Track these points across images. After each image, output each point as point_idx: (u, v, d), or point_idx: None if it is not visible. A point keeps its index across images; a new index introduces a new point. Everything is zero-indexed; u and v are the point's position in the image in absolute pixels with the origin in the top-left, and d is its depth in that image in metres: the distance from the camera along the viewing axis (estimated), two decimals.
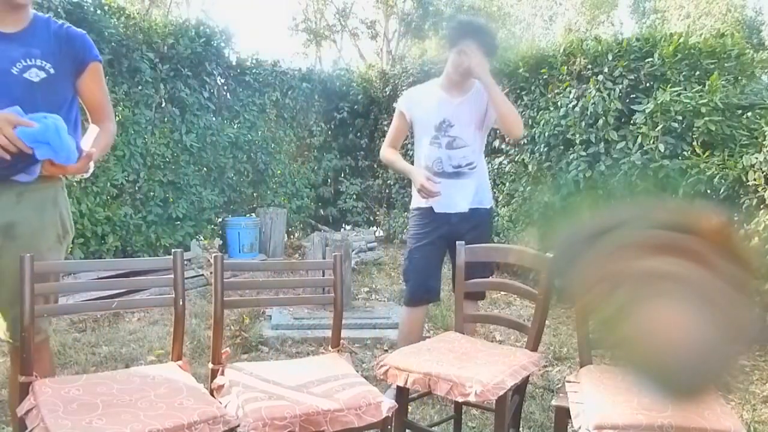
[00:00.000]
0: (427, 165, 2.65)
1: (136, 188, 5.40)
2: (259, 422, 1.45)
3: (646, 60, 4.25)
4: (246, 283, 2.69)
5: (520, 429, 2.27)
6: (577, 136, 4.50)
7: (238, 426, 1.46)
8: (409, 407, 2.18)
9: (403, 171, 2.80)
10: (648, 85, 4.24)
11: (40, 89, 1.76)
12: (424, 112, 2.67)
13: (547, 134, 4.75)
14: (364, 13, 19.52)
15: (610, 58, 4.41)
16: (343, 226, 7.68)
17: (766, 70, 5.01)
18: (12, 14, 1.75)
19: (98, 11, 4.96)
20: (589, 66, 4.58)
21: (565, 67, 4.76)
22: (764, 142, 3.31)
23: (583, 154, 4.46)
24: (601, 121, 4.32)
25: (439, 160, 2.62)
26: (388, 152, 2.80)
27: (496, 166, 5.51)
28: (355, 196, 7.56)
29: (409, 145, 2.84)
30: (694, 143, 3.70)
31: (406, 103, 2.75)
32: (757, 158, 3.28)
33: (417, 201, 2.77)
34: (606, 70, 4.42)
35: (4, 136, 1.56)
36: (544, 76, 4.98)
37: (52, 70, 1.79)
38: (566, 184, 4.50)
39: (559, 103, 4.73)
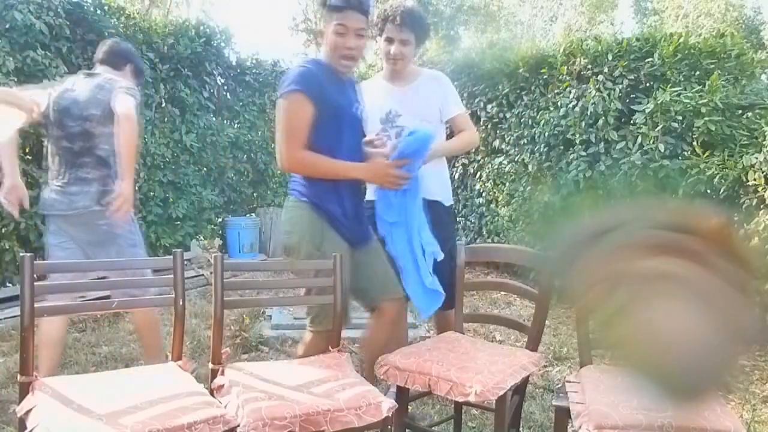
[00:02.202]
0: None
1: (136, 188, 5.38)
2: (259, 422, 1.45)
3: (646, 60, 4.25)
4: (246, 283, 2.70)
5: (520, 429, 2.27)
6: (577, 136, 4.50)
7: (238, 426, 1.46)
8: (409, 407, 2.18)
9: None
10: (648, 85, 4.24)
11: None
12: (371, 105, 2.35)
13: (547, 134, 4.75)
14: None
15: (610, 58, 4.41)
16: None
17: (766, 70, 5.02)
18: None
19: (98, 11, 4.96)
20: (589, 66, 4.58)
21: (565, 67, 4.76)
22: (764, 142, 3.31)
23: (583, 154, 4.46)
24: (601, 121, 4.32)
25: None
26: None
27: (496, 166, 5.51)
28: None
29: None
30: (694, 143, 3.70)
31: None
32: (757, 158, 3.28)
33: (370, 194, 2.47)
34: (606, 70, 4.42)
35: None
36: (544, 76, 4.98)
37: None
38: (566, 184, 4.49)
39: (559, 103, 4.73)
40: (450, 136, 2.66)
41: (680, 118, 3.81)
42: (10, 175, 2.46)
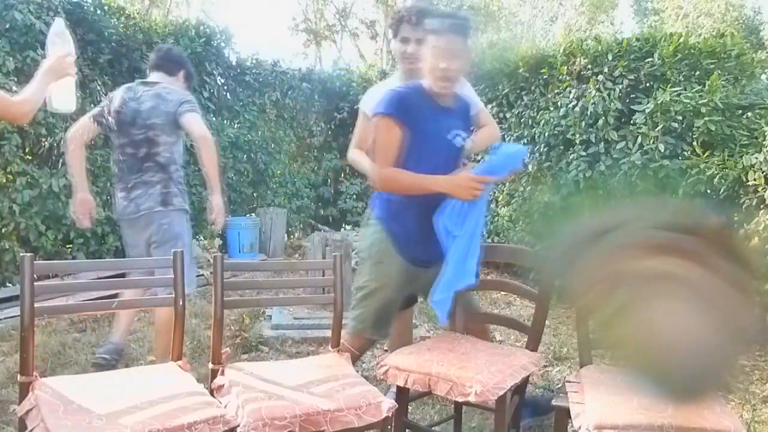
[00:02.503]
0: None
1: None
2: (259, 422, 1.45)
3: (646, 60, 4.25)
4: (246, 283, 2.70)
5: (520, 429, 2.27)
6: (577, 136, 4.50)
7: (238, 426, 1.46)
8: (409, 407, 2.18)
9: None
10: (648, 85, 4.24)
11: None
12: None
13: (547, 134, 4.75)
14: (364, 13, 19.50)
15: (610, 58, 4.41)
16: (343, 226, 7.67)
17: (766, 70, 5.02)
18: None
19: (98, 11, 4.96)
20: (589, 66, 4.58)
21: (565, 67, 4.76)
22: (764, 142, 3.31)
23: (583, 154, 4.45)
24: (601, 121, 4.32)
25: None
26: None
27: None
28: (355, 196, 7.55)
29: None
30: (694, 143, 3.70)
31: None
32: (757, 158, 3.28)
33: None
34: (606, 70, 4.42)
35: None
36: (544, 76, 4.98)
37: None
38: (566, 184, 4.49)
39: (559, 103, 4.73)
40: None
41: (680, 118, 3.81)
42: (81, 189, 2.70)
